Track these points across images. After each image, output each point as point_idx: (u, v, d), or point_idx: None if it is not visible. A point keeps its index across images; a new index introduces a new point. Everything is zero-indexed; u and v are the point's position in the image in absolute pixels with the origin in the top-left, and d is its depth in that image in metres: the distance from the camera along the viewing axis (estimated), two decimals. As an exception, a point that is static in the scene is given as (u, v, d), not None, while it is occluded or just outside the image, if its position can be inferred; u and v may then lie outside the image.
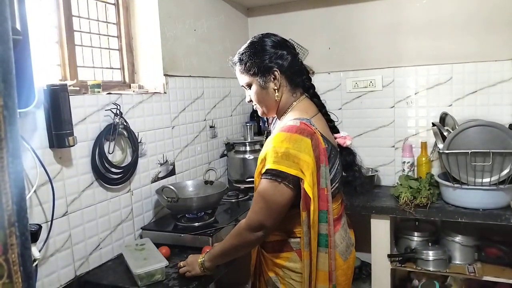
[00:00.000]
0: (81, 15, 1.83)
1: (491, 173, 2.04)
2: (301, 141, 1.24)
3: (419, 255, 2.24)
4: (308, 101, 1.44)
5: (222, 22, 2.64)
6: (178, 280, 1.50)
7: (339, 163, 1.41)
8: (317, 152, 1.25)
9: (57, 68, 1.70)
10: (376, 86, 2.68)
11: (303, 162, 1.22)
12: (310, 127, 1.28)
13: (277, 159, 1.23)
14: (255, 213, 1.30)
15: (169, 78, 2.12)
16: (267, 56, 1.36)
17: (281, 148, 1.23)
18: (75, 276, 1.58)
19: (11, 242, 0.35)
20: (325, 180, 1.27)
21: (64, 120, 1.45)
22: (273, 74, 1.36)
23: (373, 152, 2.73)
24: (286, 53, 1.38)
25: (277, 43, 1.39)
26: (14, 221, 0.35)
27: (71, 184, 1.56)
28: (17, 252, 0.36)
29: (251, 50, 1.38)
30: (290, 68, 1.38)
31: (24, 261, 0.37)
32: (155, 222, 2.00)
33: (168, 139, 2.12)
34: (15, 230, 0.35)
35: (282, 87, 1.39)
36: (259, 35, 1.43)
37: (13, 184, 0.35)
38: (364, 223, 2.30)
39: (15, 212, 0.35)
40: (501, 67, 2.39)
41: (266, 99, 1.41)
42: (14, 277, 0.36)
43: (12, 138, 0.35)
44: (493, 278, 2.16)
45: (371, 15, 2.65)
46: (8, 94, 0.34)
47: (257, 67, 1.36)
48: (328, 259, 1.29)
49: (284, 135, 1.26)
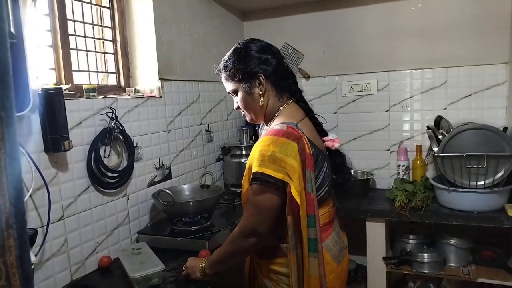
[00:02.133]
0: (76, 19, 1.82)
1: (486, 176, 2.05)
2: (288, 145, 1.23)
3: (414, 257, 2.25)
4: (295, 105, 1.44)
5: (217, 26, 2.64)
6: (175, 284, 1.49)
7: (327, 166, 1.40)
8: (303, 157, 1.25)
9: (52, 72, 1.70)
10: (371, 90, 2.69)
11: (290, 166, 1.21)
12: (296, 131, 1.28)
13: (263, 162, 1.22)
14: (246, 220, 1.30)
15: (164, 82, 2.12)
16: (251, 62, 1.36)
17: (268, 152, 1.23)
18: (71, 281, 1.57)
19: (9, 244, 0.35)
20: (310, 185, 1.26)
21: (59, 124, 1.45)
22: (258, 79, 1.36)
23: (368, 155, 2.74)
24: (271, 57, 1.38)
25: (261, 48, 1.38)
26: (12, 223, 0.35)
27: (67, 188, 1.55)
28: (15, 255, 0.36)
29: (235, 57, 1.38)
30: (275, 72, 1.38)
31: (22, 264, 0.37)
32: (152, 226, 1.99)
33: (164, 143, 2.12)
34: (13, 232, 0.35)
35: (268, 92, 1.39)
36: (243, 41, 1.42)
37: (11, 186, 0.35)
38: (360, 226, 2.31)
39: (13, 214, 0.35)
40: (495, 71, 2.41)
41: (252, 105, 1.41)
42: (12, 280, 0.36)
43: (10, 139, 0.35)
44: (487, 280, 2.17)
45: (367, 19, 2.66)
46: (6, 96, 0.34)
47: (242, 73, 1.36)
48: (318, 265, 1.28)
49: (270, 138, 1.25)
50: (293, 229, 1.26)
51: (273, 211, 1.26)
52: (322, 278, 1.29)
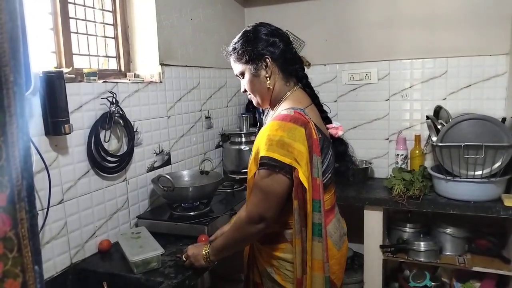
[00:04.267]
0: (77, 2, 1.81)
1: (483, 166, 2.06)
2: (295, 130, 1.24)
3: (411, 246, 2.28)
4: (301, 91, 1.44)
5: (218, 11, 2.63)
6: (174, 267, 1.51)
7: (331, 153, 1.41)
8: (310, 142, 1.25)
9: (52, 55, 1.69)
10: (372, 79, 2.69)
11: (297, 151, 1.22)
12: (304, 116, 1.29)
13: (271, 147, 1.23)
14: (254, 205, 1.29)
15: (165, 67, 2.12)
16: (259, 44, 1.36)
17: (276, 137, 1.23)
18: (71, 264, 1.58)
19: (21, 217, 0.36)
20: (317, 170, 1.27)
21: (60, 108, 1.44)
22: (265, 62, 1.37)
23: (367, 144, 2.75)
24: (278, 40, 1.38)
25: (270, 32, 1.39)
26: (24, 196, 0.35)
27: (67, 172, 1.56)
28: (27, 227, 0.36)
29: (243, 39, 1.39)
30: (282, 56, 1.38)
31: (33, 236, 0.37)
32: (151, 211, 2.00)
33: (163, 128, 2.12)
34: (25, 205, 0.36)
35: (274, 75, 1.39)
36: (253, 24, 1.43)
37: (22, 160, 0.35)
38: (357, 214, 2.33)
39: (25, 187, 0.36)
40: (495, 62, 2.41)
41: (258, 87, 1.41)
42: (24, 251, 0.37)
43: (22, 114, 0.35)
44: (482, 268, 2.20)
45: (368, 8, 2.65)
46: (17, 71, 0.34)
47: (249, 55, 1.37)
48: (322, 249, 1.29)
49: (278, 123, 1.26)
50: (298, 213, 1.27)
51: (281, 196, 1.27)
52: (325, 263, 1.30)
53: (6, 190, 0.34)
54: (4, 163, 0.34)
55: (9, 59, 0.33)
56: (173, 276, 1.45)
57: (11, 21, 0.34)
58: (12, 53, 0.34)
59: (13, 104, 0.34)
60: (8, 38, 0.33)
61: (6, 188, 0.34)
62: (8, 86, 0.34)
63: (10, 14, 0.33)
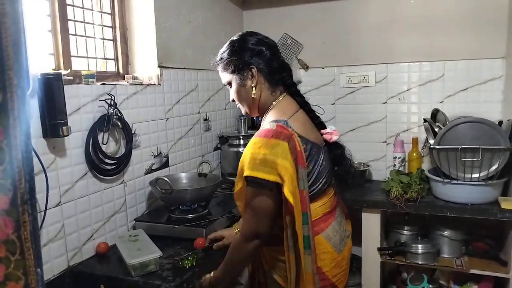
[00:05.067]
0: (75, 4, 1.81)
1: (480, 169, 2.07)
2: (278, 145, 1.23)
3: (409, 248, 2.28)
4: (288, 99, 1.42)
5: (217, 14, 2.63)
6: (172, 270, 1.51)
7: (324, 159, 1.39)
8: (294, 155, 1.25)
9: (50, 57, 1.69)
10: (369, 82, 2.70)
11: (281, 167, 1.21)
12: (286, 129, 1.27)
13: (255, 166, 1.23)
14: (247, 223, 1.31)
15: (163, 69, 2.12)
16: (244, 54, 1.36)
17: (259, 155, 1.23)
18: (68, 266, 1.57)
19: (24, 220, 0.36)
20: (303, 182, 1.26)
21: (58, 110, 1.44)
22: (250, 71, 1.36)
23: (365, 147, 2.75)
24: (265, 49, 1.37)
25: (256, 41, 1.38)
26: (27, 199, 0.35)
27: (64, 174, 1.55)
28: (29, 230, 0.36)
29: (230, 48, 1.39)
30: (268, 65, 1.38)
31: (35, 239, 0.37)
32: (149, 214, 2.00)
33: (162, 131, 2.12)
34: (28, 208, 0.36)
35: (260, 84, 1.38)
36: (240, 33, 1.43)
37: (25, 163, 0.35)
38: (355, 217, 2.32)
39: (28, 190, 0.36)
40: (492, 65, 2.42)
41: (245, 97, 1.41)
42: (26, 254, 0.36)
43: (25, 118, 0.35)
44: (479, 271, 2.20)
45: (366, 11, 2.66)
46: (20, 75, 0.35)
47: (234, 65, 1.37)
48: (311, 262, 1.29)
49: (261, 140, 1.25)
50: (292, 229, 1.27)
51: (270, 212, 1.27)
52: (314, 275, 1.30)
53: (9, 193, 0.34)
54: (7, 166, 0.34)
55: (13, 62, 0.33)
56: (171, 279, 1.44)
57: (14, 25, 0.34)
58: (16, 56, 0.34)
59: (16, 107, 0.34)
60: (12, 42, 0.33)
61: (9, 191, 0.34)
62: (12, 90, 0.34)
63: (13, 18, 0.34)
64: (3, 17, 0.32)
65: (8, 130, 0.33)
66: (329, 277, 1.39)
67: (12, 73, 0.33)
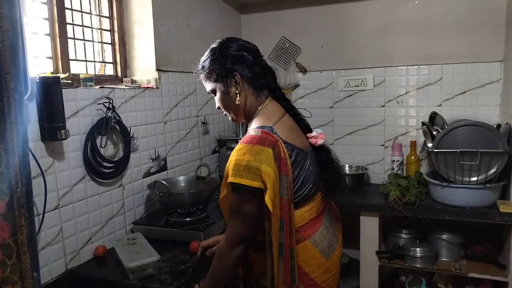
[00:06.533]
0: (74, 8, 1.81)
1: (478, 172, 2.08)
2: (262, 152, 1.22)
3: (407, 252, 2.28)
4: (273, 104, 1.40)
5: (215, 18, 2.64)
6: (169, 274, 1.50)
7: (311, 164, 1.37)
8: (279, 162, 1.23)
9: (49, 60, 1.69)
10: (368, 85, 2.70)
11: (264, 173, 1.20)
12: (272, 135, 1.26)
13: (238, 172, 1.22)
14: (232, 228, 1.30)
15: (161, 73, 2.12)
16: (226, 61, 1.34)
17: (243, 161, 1.22)
18: (66, 270, 1.57)
19: (20, 224, 0.35)
20: (283, 189, 1.25)
21: (56, 113, 1.44)
22: (234, 78, 1.34)
23: (363, 150, 2.76)
24: (247, 55, 1.36)
25: (237, 47, 1.36)
26: (24, 203, 0.35)
27: (63, 177, 1.55)
28: (26, 234, 0.36)
29: (211, 56, 1.37)
30: (251, 70, 1.35)
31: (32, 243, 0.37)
32: (147, 217, 2.00)
33: (160, 134, 2.12)
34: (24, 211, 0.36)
35: (244, 90, 1.36)
36: (220, 40, 1.41)
37: (22, 167, 0.35)
38: (353, 220, 2.33)
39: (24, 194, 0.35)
40: (490, 69, 2.43)
41: (229, 104, 1.39)
42: (23, 258, 0.36)
43: (22, 122, 0.35)
44: (478, 275, 2.20)
45: (364, 15, 2.67)
46: (18, 79, 0.35)
47: (217, 73, 1.35)
48: (284, 271, 1.26)
49: (245, 147, 1.24)
50: (269, 235, 1.26)
51: (256, 218, 1.27)
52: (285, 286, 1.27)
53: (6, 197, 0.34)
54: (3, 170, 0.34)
55: (10, 66, 0.33)
56: (169, 283, 1.44)
57: (12, 29, 0.34)
58: (13, 60, 0.34)
59: (13, 111, 0.34)
60: (9, 46, 0.33)
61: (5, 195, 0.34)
62: (9, 94, 0.34)
63: (11, 22, 0.34)
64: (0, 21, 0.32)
65: (5, 134, 0.33)
66: (318, 283, 1.37)
67: (9, 77, 0.33)
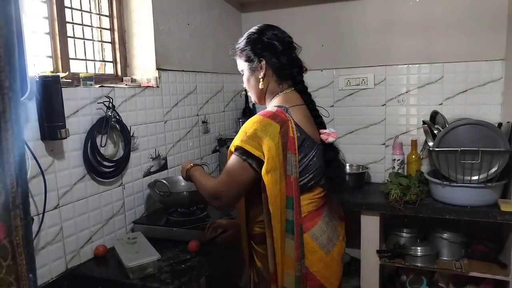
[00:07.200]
0: (74, 7, 1.81)
1: (480, 171, 2.07)
2: (270, 125, 1.29)
3: (408, 251, 2.27)
4: (294, 93, 1.47)
5: (215, 17, 2.63)
6: (170, 273, 1.50)
7: (316, 155, 1.40)
8: (285, 139, 1.30)
9: (48, 59, 1.68)
10: (368, 84, 2.70)
11: (265, 145, 1.26)
12: (284, 114, 1.34)
13: (244, 138, 1.30)
14: (218, 183, 1.36)
15: (162, 72, 2.12)
16: (258, 46, 1.44)
17: (250, 129, 1.30)
18: (66, 269, 1.57)
19: (16, 224, 0.35)
20: (291, 168, 1.31)
21: (56, 112, 1.44)
22: (260, 63, 1.44)
23: (364, 149, 2.75)
24: (278, 44, 1.44)
25: (271, 35, 1.45)
26: (19, 203, 0.35)
27: (63, 176, 1.55)
28: (21, 235, 0.36)
29: (246, 39, 1.48)
30: (278, 59, 1.44)
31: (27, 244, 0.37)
32: (147, 216, 1.99)
33: (160, 133, 2.12)
34: (20, 212, 0.35)
35: (268, 77, 1.45)
36: (258, 26, 1.50)
37: (17, 167, 0.35)
38: (354, 219, 2.32)
39: (20, 194, 0.35)
40: (491, 67, 2.42)
41: (252, 86, 1.50)
42: (18, 259, 0.36)
43: (17, 121, 0.35)
44: (479, 274, 2.19)
45: (365, 13, 2.66)
46: (12, 77, 0.34)
47: (247, 55, 1.46)
48: (294, 248, 1.31)
49: (257, 117, 1.33)
50: (267, 207, 1.30)
51: (244, 184, 1.33)
52: (296, 262, 1.32)
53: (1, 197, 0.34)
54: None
55: (5, 64, 0.33)
56: (169, 282, 1.44)
57: (6, 26, 0.33)
58: (7, 58, 0.34)
59: (8, 110, 0.34)
60: (4, 43, 0.33)
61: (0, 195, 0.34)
62: (4, 92, 0.33)
63: (5, 19, 0.33)
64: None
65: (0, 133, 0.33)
66: (317, 278, 1.38)
67: (3, 75, 0.33)
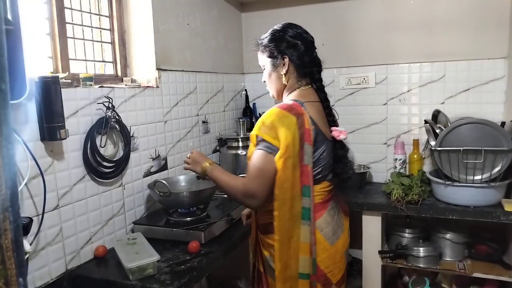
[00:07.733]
0: (73, 7, 1.80)
1: (483, 171, 2.05)
2: (287, 117, 1.36)
3: (410, 251, 2.26)
4: (311, 90, 1.53)
5: (215, 16, 2.62)
6: (170, 274, 1.49)
7: (326, 150, 1.46)
8: (301, 131, 1.36)
9: (48, 60, 1.68)
10: (369, 83, 2.68)
11: (281, 135, 1.33)
12: (300, 107, 1.41)
13: (262, 128, 1.37)
14: (251, 181, 1.38)
15: (161, 72, 2.11)
16: (282, 44, 1.50)
17: (268, 120, 1.37)
18: (66, 270, 1.56)
19: (5, 227, 0.34)
20: (308, 158, 1.38)
21: (55, 113, 1.43)
22: (283, 61, 1.50)
23: (365, 149, 2.74)
24: (300, 43, 1.50)
25: (294, 34, 1.51)
26: (8, 206, 0.34)
27: (62, 177, 1.54)
28: (11, 238, 0.35)
29: (270, 36, 1.54)
30: (300, 58, 1.50)
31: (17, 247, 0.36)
32: (147, 217, 1.99)
33: (160, 133, 2.11)
34: (9, 215, 0.34)
35: (290, 73, 1.52)
36: (282, 24, 1.55)
37: (6, 169, 0.34)
38: (356, 220, 2.31)
39: (9, 197, 0.34)
40: (493, 65, 2.40)
41: (273, 81, 1.56)
42: (8, 263, 0.35)
43: (6, 122, 0.34)
44: (482, 274, 2.17)
45: (365, 12, 2.65)
46: (2, 77, 0.33)
47: (270, 52, 1.52)
48: (309, 233, 1.39)
49: (274, 110, 1.40)
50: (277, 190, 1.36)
51: (273, 178, 1.36)
52: (312, 246, 1.41)
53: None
54: (-14, 171, 0.32)
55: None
56: (169, 283, 1.43)
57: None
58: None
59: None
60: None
61: (-12, 198, 0.33)
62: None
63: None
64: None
65: (-13, 134, 0.32)
66: (321, 268, 1.45)
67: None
